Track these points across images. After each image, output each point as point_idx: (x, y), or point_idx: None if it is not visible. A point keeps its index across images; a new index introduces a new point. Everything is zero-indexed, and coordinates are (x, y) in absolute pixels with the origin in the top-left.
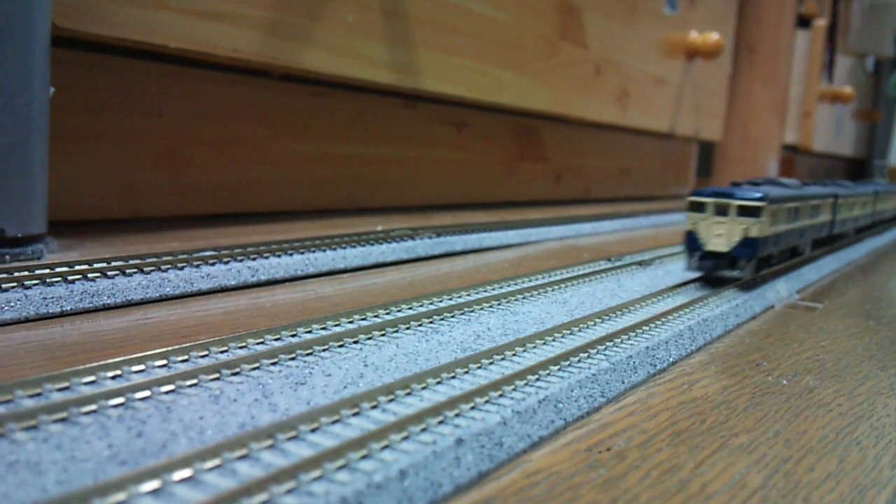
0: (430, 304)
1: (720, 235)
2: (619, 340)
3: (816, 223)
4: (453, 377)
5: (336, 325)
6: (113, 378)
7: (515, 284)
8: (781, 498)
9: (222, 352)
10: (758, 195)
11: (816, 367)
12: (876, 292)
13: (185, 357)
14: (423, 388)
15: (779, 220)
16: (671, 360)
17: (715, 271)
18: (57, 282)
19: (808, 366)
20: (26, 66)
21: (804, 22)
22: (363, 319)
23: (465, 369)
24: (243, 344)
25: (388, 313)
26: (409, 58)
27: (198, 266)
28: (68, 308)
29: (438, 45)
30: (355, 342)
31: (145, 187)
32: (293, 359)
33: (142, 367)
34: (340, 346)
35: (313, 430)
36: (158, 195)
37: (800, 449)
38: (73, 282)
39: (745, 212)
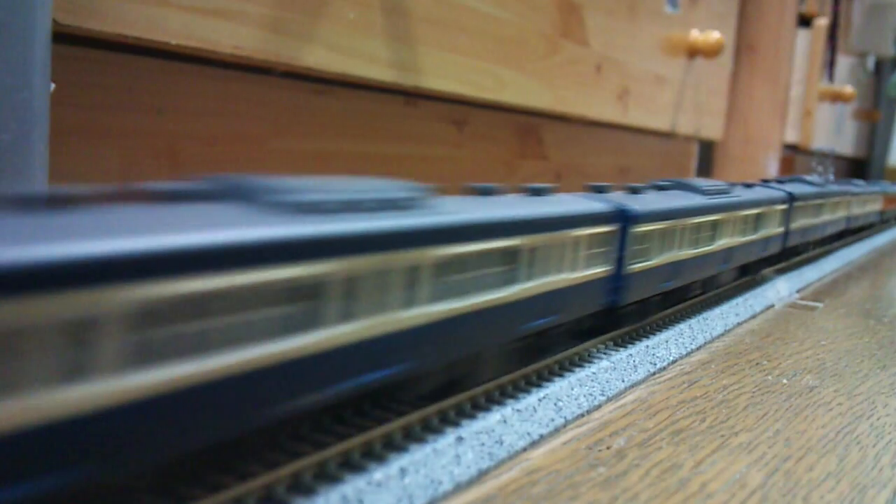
0: None
1: None
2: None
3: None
4: None
5: None
6: None
7: None
8: (781, 497)
9: None
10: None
11: (816, 366)
12: (876, 291)
13: None
14: None
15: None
16: (671, 358)
17: None
18: None
19: (808, 365)
20: (27, 61)
21: (805, 21)
22: None
23: None
24: None
25: None
26: (411, 55)
27: None
28: None
29: (440, 42)
30: None
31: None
32: None
33: None
34: None
35: None
36: None
37: (800, 448)
38: None
39: None
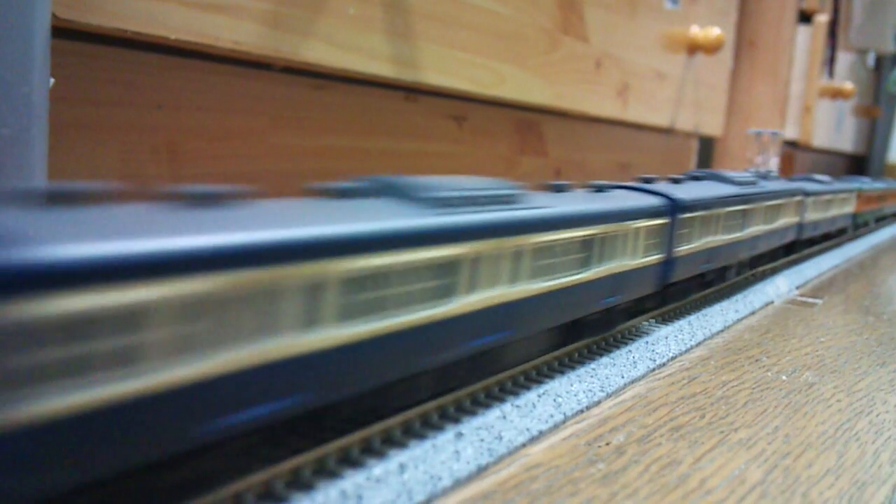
0: None
1: None
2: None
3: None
4: None
5: None
6: None
7: None
8: (780, 493)
9: None
10: None
11: (816, 362)
12: (875, 288)
13: None
14: None
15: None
16: (670, 354)
17: None
18: None
19: (807, 361)
20: (27, 56)
21: (805, 17)
22: None
23: None
24: None
25: None
26: (410, 51)
27: None
28: None
29: (440, 38)
30: None
31: (145, 179)
32: None
33: None
34: None
35: None
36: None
37: (799, 444)
38: None
39: None
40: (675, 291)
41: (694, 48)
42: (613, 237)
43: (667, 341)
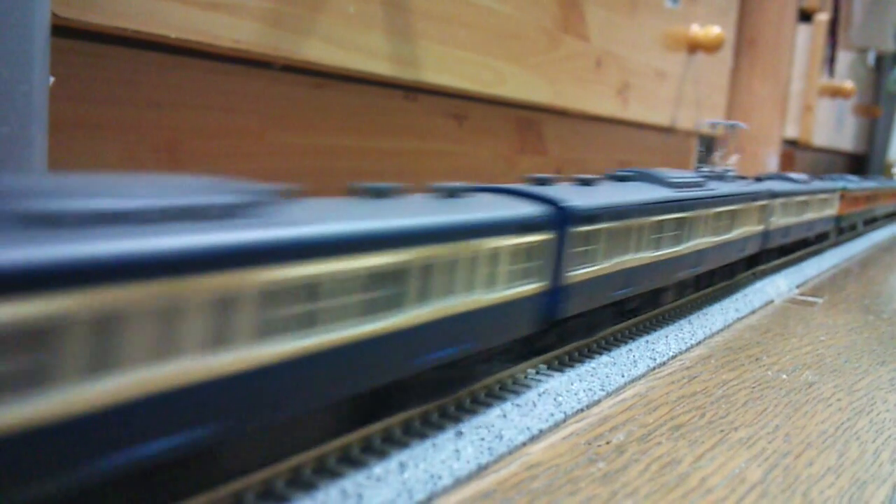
0: None
1: None
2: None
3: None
4: None
5: None
6: None
7: None
8: (781, 492)
9: None
10: None
11: (816, 361)
12: (875, 287)
13: None
14: None
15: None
16: (671, 353)
17: None
18: None
19: (807, 360)
20: (26, 55)
21: (806, 16)
22: None
23: None
24: None
25: None
26: (410, 49)
27: None
28: None
29: (440, 36)
30: None
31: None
32: None
33: None
34: None
35: None
36: None
37: (799, 443)
38: None
39: None
40: (575, 327)
41: (694, 47)
42: (449, 263)
43: (667, 340)
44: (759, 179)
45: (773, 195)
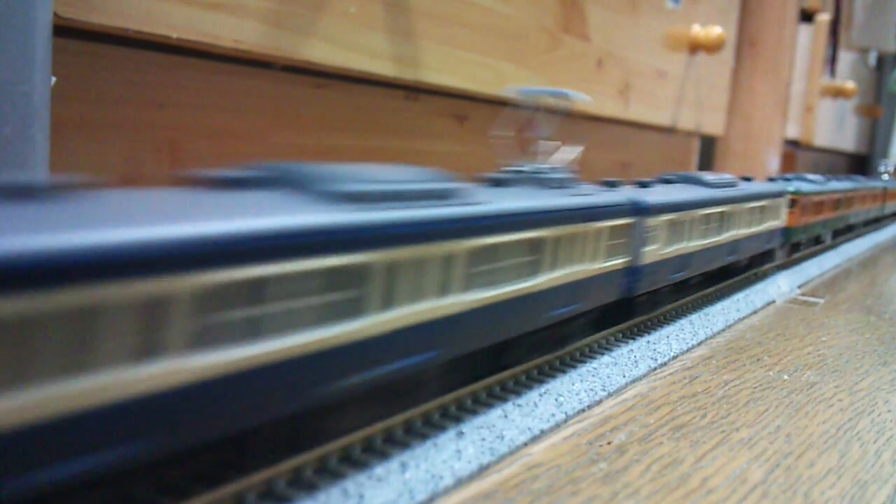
0: None
1: None
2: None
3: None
4: None
5: None
6: None
7: None
8: (782, 493)
9: None
10: None
11: (817, 362)
12: (877, 287)
13: None
14: None
15: None
16: (672, 353)
17: None
18: None
19: (808, 361)
20: (28, 55)
21: (807, 16)
22: None
23: None
24: None
25: None
26: (412, 49)
27: None
28: None
29: (441, 37)
30: None
31: (146, 178)
32: None
33: None
34: None
35: None
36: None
37: (801, 444)
38: None
39: None
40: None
41: (695, 47)
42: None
43: (668, 340)
44: (610, 186)
45: (641, 211)
